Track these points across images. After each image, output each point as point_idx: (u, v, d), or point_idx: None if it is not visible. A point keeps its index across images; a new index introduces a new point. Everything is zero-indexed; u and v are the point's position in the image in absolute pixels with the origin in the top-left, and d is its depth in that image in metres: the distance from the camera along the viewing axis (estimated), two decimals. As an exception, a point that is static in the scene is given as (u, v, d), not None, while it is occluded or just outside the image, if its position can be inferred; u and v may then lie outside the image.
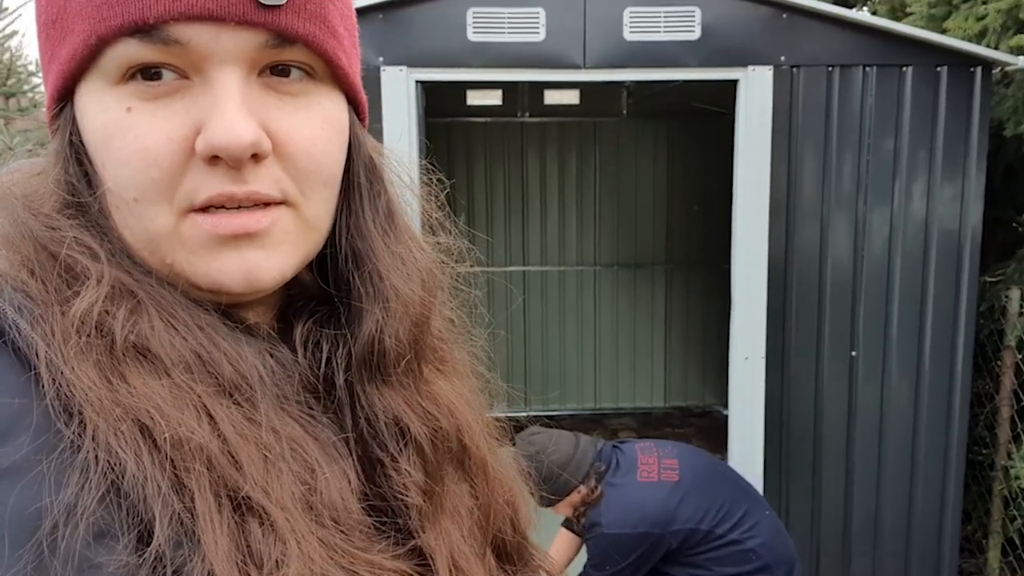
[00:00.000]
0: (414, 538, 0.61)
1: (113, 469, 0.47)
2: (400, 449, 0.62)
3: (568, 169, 6.53)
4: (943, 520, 3.76)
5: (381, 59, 3.30)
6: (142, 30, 0.51)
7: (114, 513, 0.46)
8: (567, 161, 6.51)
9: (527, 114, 6.39)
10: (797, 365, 3.66)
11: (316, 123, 0.58)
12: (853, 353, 3.67)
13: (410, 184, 0.73)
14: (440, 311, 0.71)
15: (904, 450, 3.73)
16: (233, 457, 0.51)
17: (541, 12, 3.32)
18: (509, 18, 3.32)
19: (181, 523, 0.47)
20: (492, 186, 6.52)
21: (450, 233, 0.76)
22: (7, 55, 5.99)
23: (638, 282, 6.71)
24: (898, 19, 4.56)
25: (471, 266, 0.78)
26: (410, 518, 0.61)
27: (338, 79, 0.60)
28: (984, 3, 3.76)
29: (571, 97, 6.21)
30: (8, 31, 5.72)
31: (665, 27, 3.36)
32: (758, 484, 3.60)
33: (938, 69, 3.50)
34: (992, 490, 3.99)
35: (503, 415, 0.79)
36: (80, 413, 0.48)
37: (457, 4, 3.30)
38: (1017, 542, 3.95)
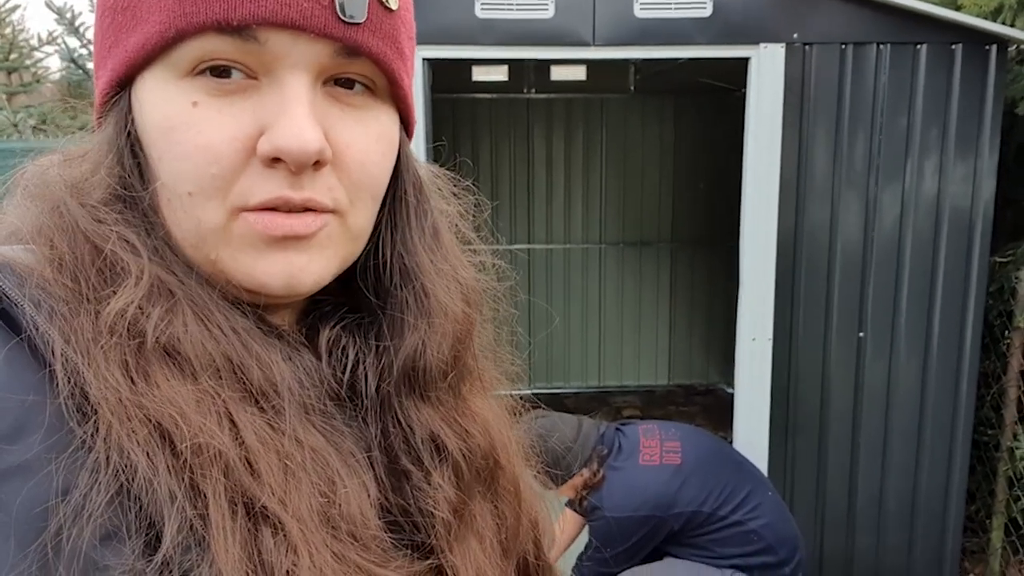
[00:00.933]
0: (435, 554, 0.61)
1: (124, 471, 0.47)
2: (435, 465, 0.62)
3: (574, 146, 6.49)
4: (947, 499, 3.78)
5: (388, 35, 3.26)
6: (224, 28, 0.52)
7: (123, 516, 0.46)
8: (573, 138, 6.47)
9: (533, 90, 6.34)
10: (804, 346, 3.65)
11: (372, 137, 0.59)
12: (861, 334, 3.66)
13: (451, 201, 0.74)
14: (480, 330, 0.72)
15: (910, 430, 3.73)
16: (251, 465, 0.50)
17: (550, -12, 3.28)
18: (517, -6, 3.27)
19: (192, 528, 0.47)
20: (498, 163, 6.48)
21: (489, 252, 0.77)
22: (9, 30, 5.94)
23: (643, 260, 6.70)
24: (911, -5, 4.50)
25: (511, 286, 0.79)
26: (436, 535, 0.61)
27: (396, 97, 0.61)
28: (1000, -21, 3.71)
29: (578, 73, 6.15)
30: (10, 5, 5.66)
31: (676, 4, 3.32)
32: (763, 464, 3.61)
33: (953, 47, 3.46)
34: (997, 471, 3.99)
35: (507, 393, 0.79)
36: (95, 413, 0.48)
37: (465, -20, 3.26)
38: (1020, 522, 3.96)
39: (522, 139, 6.46)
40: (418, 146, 3.31)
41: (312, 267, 0.57)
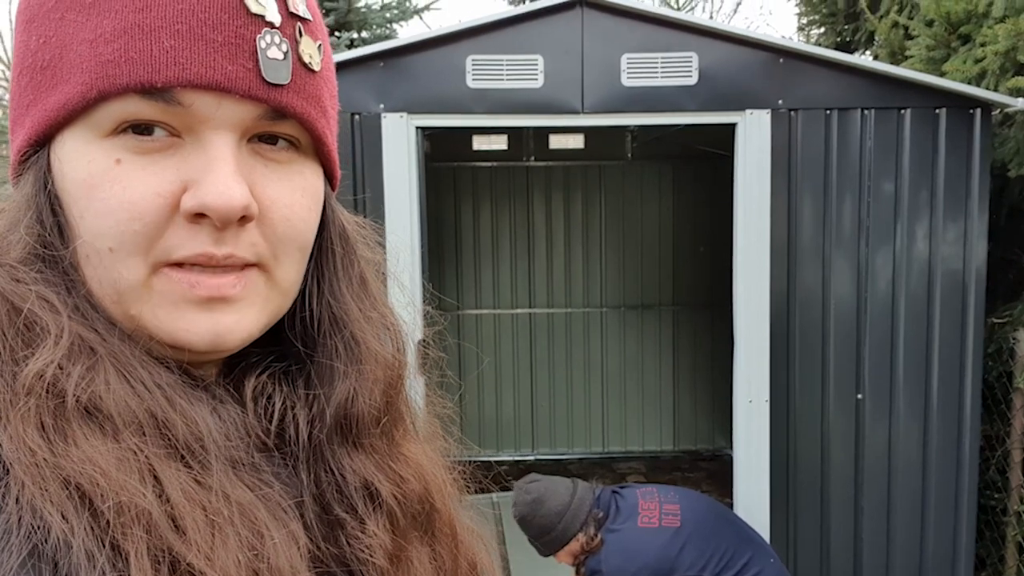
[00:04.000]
0: None
1: (37, 532, 0.45)
2: (369, 512, 0.62)
3: (574, 212, 6.56)
4: (956, 567, 3.68)
5: (382, 106, 3.35)
6: (147, 91, 0.52)
7: None
8: (573, 204, 6.55)
9: (532, 158, 6.44)
10: (802, 408, 3.62)
11: (297, 192, 0.59)
12: (859, 396, 3.63)
13: (376, 251, 0.74)
14: (410, 374, 0.72)
15: (914, 495, 3.66)
16: (176, 522, 0.49)
17: (539, 59, 3.37)
18: (508, 65, 3.37)
19: None
20: (498, 229, 6.55)
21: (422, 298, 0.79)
22: None
23: (645, 324, 6.68)
24: (898, 62, 4.59)
25: (438, 330, 0.80)
26: None
27: (320, 153, 0.62)
28: (982, 45, 3.78)
29: (576, 142, 6.26)
30: None
31: (663, 72, 3.40)
32: (764, 529, 3.55)
33: (937, 111, 3.52)
34: (1006, 536, 3.90)
35: (511, 459, 0.78)
36: (7, 474, 0.47)
37: (456, 51, 3.36)
38: (1033, 590, 3.85)
39: (522, 206, 6.54)
40: (412, 211, 3.37)
41: (239, 325, 0.57)
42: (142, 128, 0.54)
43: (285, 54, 0.56)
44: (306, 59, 0.57)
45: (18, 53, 0.58)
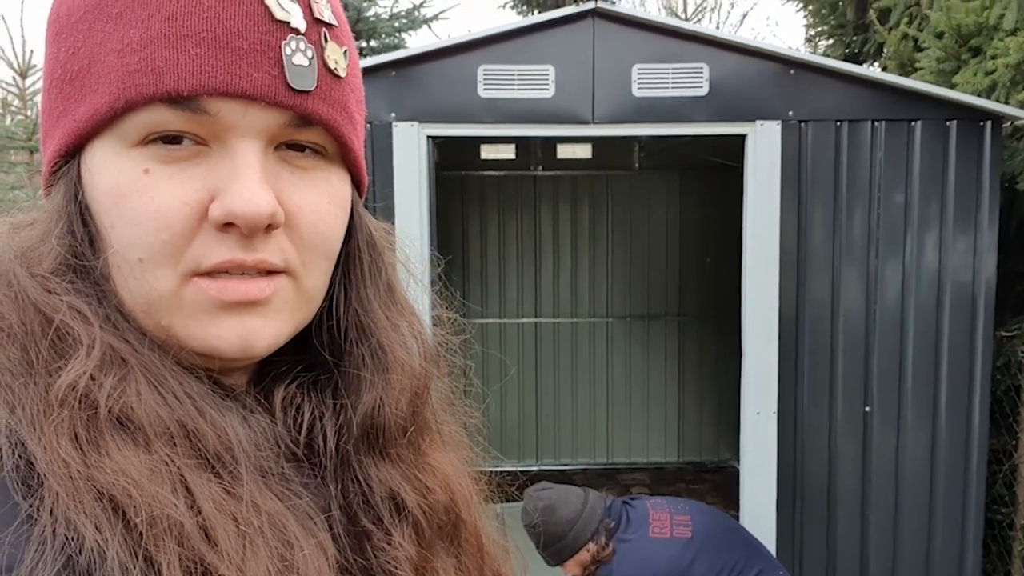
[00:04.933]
0: None
1: (72, 544, 0.46)
2: (395, 523, 0.62)
3: (581, 221, 6.56)
4: (964, 581, 3.66)
5: (393, 115, 3.36)
6: (174, 100, 0.52)
7: None
8: (580, 213, 6.55)
9: (540, 168, 6.45)
10: (809, 421, 3.61)
11: (324, 199, 0.59)
12: (867, 408, 3.62)
13: (407, 258, 0.74)
14: (437, 383, 0.72)
15: (921, 509, 3.65)
16: (208, 533, 0.49)
17: (550, 69, 3.38)
18: (519, 75, 3.38)
19: None
20: (505, 238, 6.56)
21: (444, 305, 0.78)
22: (34, 111, 6.15)
23: (651, 334, 6.67)
24: (907, 74, 4.60)
25: (466, 338, 0.79)
26: None
27: (347, 160, 0.62)
28: (993, 58, 3.79)
29: (584, 151, 6.26)
30: (36, 87, 5.87)
31: (673, 83, 3.41)
32: (771, 540, 3.53)
33: (947, 123, 3.52)
34: (1012, 550, 3.88)
35: (515, 469, 0.78)
36: (41, 486, 0.47)
37: (467, 61, 3.37)
38: (1042, 605, 3.83)
39: (529, 215, 6.54)
40: (421, 220, 3.37)
41: (267, 330, 0.57)
42: (170, 138, 0.54)
43: (310, 60, 0.56)
44: (332, 65, 0.57)
45: (48, 65, 0.59)
